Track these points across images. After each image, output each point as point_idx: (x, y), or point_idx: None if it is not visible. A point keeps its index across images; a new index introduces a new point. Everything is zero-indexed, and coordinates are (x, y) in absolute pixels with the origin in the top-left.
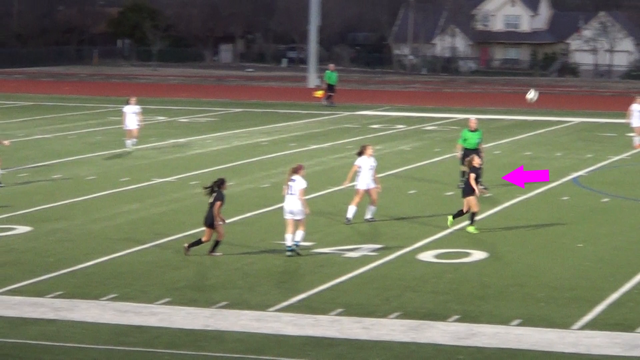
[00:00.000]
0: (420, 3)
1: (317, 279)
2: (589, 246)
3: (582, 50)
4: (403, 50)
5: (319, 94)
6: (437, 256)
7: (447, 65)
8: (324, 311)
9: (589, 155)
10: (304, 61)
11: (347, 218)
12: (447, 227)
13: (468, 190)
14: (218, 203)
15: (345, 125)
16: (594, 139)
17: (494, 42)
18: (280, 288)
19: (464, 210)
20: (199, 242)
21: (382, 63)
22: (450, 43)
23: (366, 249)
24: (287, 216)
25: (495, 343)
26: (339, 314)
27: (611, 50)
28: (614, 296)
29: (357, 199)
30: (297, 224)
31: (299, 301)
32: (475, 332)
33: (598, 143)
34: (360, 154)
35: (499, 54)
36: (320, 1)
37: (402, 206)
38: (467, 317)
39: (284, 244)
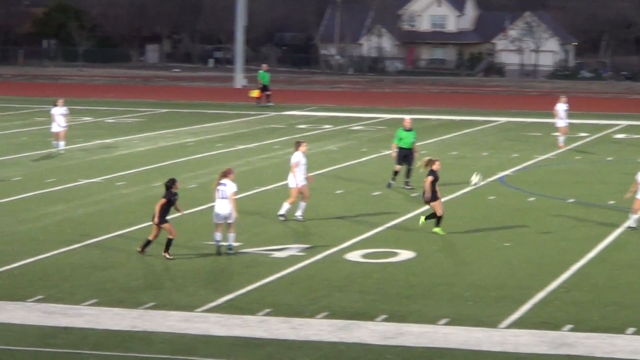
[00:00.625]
0: (347, 3)
1: (245, 280)
2: (516, 245)
3: (508, 50)
4: (330, 51)
5: (255, 94)
6: (365, 256)
7: (373, 65)
8: (252, 311)
9: (515, 155)
10: (230, 61)
11: (281, 215)
12: (375, 227)
13: (431, 197)
14: (162, 200)
15: (272, 126)
16: (520, 139)
17: (421, 42)
18: (207, 288)
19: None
20: (148, 242)
21: (309, 63)
22: (377, 43)
23: (294, 249)
24: (219, 220)
25: (423, 342)
26: (267, 314)
27: (537, 50)
28: (541, 295)
29: (294, 197)
30: (227, 226)
31: (227, 302)
32: (403, 331)
33: (524, 142)
34: (296, 150)
35: (426, 54)
36: (246, 1)
37: (329, 206)
38: (395, 317)
39: (213, 244)
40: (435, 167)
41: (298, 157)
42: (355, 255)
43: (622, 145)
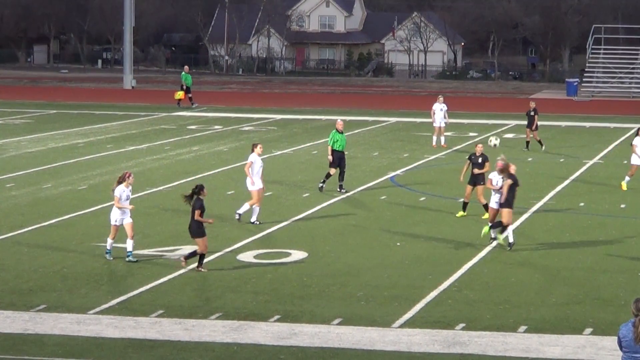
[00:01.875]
0: (236, 4)
1: (137, 281)
2: (408, 245)
3: (396, 50)
4: (219, 51)
5: (180, 95)
6: (257, 256)
7: (263, 66)
8: (145, 313)
9: (406, 155)
10: (119, 62)
11: (238, 214)
12: (267, 228)
13: (505, 202)
14: (198, 211)
15: (162, 127)
16: (410, 139)
17: (309, 42)
18: (99, 290)
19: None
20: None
21: (198, 64)
22: (266, 44)
23: (186, 249)
24: (118, 222)
25: (317, 342)
26: (160, 316)
27: (425, 51)
28: (433, 294)
29: (255, 199)
30: (125, 230)
31: (120, 303)
32: (297, 331)
33: (414, 142)
34: (251, 152)
35: (315, 54)
36: (134, 2)
37: (221, 207)
38: (288, 317)
39: (104, 246)
40: (512, 170)
41: (253, 159)
42: (248, 256)
43: (511, 144)
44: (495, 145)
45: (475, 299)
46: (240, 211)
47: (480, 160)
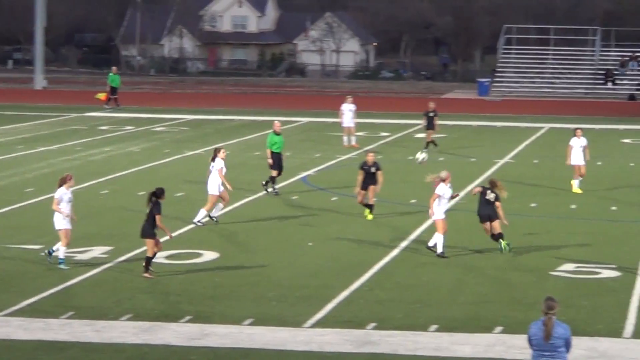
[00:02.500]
0: (148, 4)
1: (47, 282)
2: (319, 245)
3: (309, 50)
4: (131, 51)
5: (102, 96)
6: (169, 257)
7: (175, 66)
8: (55, 314)
9: (318, 155)
10: (30, 62)
11: (199, 221)
12: (178, 228)
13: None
14: (159, 216)
15: (73, 127)
16: (322, 139)
17: (222, 42)
18: (9, 292)
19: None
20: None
21: (110, 64)
22: (178, 44)
23: (97, 250)
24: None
25: (228, 343)
26: (70, 317)
27: (337, 51)
28: (345, 294)
29: (211, 204)
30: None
31: (29, 305)
32: (208, 332)
33: (326, 143)
34: (214, 158)
35: (227, 54)
36: (45, 1)
37: (133, 208)
38: (200, 318)
39: (20, 247)
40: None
41: (221, 164)
42: (159, 257)
43: (422, 144)
44: (423, 160)
45: (386, 299)
46: (216, 214)
47: (373, 169)
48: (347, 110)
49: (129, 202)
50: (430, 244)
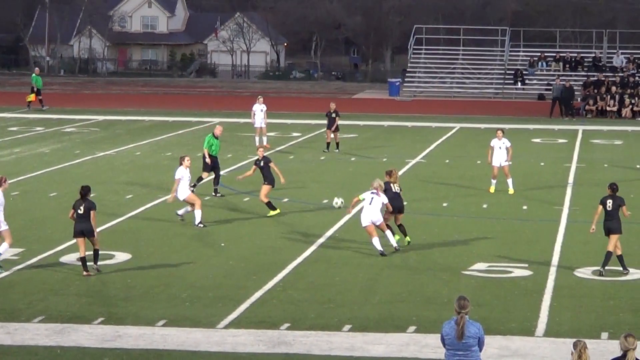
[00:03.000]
0: (57, 4)
1: None
2: (232, 245)
3: (219, 51)
4: (40, 52)
5: (31, 97)
6: (81, 258)
7: (85, 67)
8: None
9: (229, 155)
10: None
11: (201, 223)
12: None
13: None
14: (94, 212)
15: None
16: (234, 139)
17: (132, 43)
18: None
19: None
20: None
21: (18, 64)
22: (88, 44)
23: (8, 252)
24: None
25: (142, 344)
26: None
27: (248, 51)
28: (258, 294)
29: (198, 204)
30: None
31: None
32: (121, 333)
33: (237, 143)
34: (179, 165)
35: (137, 55)
36: None
37: (44, 209)
38: (112, 319)
39: None
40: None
41: (182, 173)
42: (71, 258)
43: (334, 144)
44: (341, 204)
45: (299, 299)
46: (180, 212)
47: (262, 163)
48: (259, 110)
49: (40, 203)
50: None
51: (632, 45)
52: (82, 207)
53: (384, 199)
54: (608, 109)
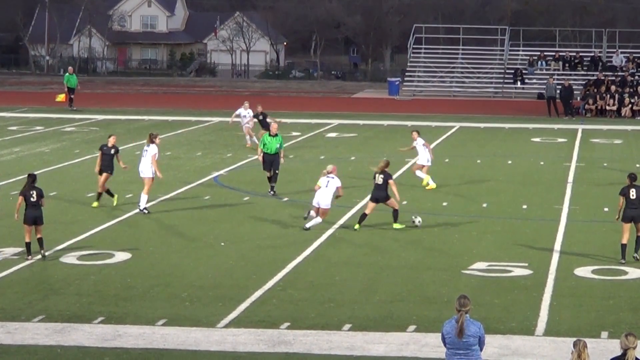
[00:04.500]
0: (57, 3)
1: None
2: (232, 245)
3: (219, 50)
4: (40, 51)
5: (61, 98)
6: (80, 258)
7: (84, 66)
8: None
9: (229, 155)
10: None
11: (145, 208)
12: (90, 229)
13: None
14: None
15: None
16: (233, 139)
17: (131, 42)
18: None
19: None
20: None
21: (18, 64)
22: (87, 44)
23: (8, 252)
24: None
25: (142, 344)
26: None
27: (247, 50)
28: (258, 293)
29: (149, 187)
30: None
31: None
32: (121, 333)
33: (237, 143)
34: (149, 143)
35: (137, 54)
36: None
37: (44, 209)
38: (112, 319)
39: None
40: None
41: (155, 150)
42: (71, 258)
43: (333, 144)
44: (419, 222)
45: (299, 298)
46: (142, 205)
47: (112, 151)
48: (243, 116)
49: None
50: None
51: (631, 45)
52: (34, 195)
53: (337, 182)
54: (608, 108)
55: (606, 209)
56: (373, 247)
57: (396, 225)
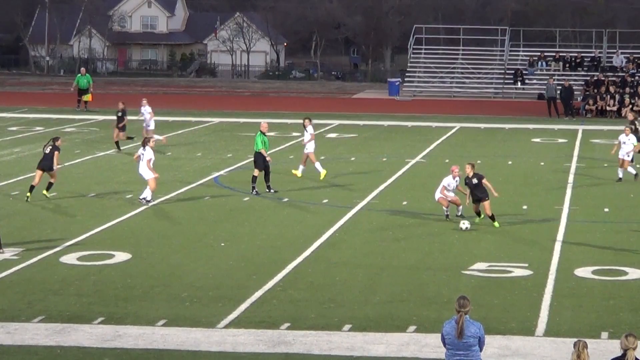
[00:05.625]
0: (57, 4)
1: None
2: (232, 245)
3: (219, 50)
4: (40, 52)
5: (88, 97)
6: (80, 258)
7: (84, 67)
8: None
9: (229, 155)
10: None
11: (144, 198)
12: (90, 229)
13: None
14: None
15: None
16: (234, 139)
17: (131, 43)
18: None
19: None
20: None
21: (18, 64)
22: (87, 44)
23: (7, 252)
24: None
25: (142, 344)
26: None
27: (248, 51)
28: (258, 294)
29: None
30: None
31: None
32: (121, 333)
33: (237, 143)
34: (144, 145)
35: (137, 55)
36: None
37: (44, 209)
38: (112, 319)
39: None
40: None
41: (151, 154)
42: (71, 258)
43: (334, 144)
44: (468, 227)
45: (299, 299)
46: (146, 196)
47: (48, 150)
48: (146, 112)
49: (40, 203)
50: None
51: (632, 45)
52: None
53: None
54: (608, 108)
55: (606, 210)
56: (373, 247)
57: (496, 224)
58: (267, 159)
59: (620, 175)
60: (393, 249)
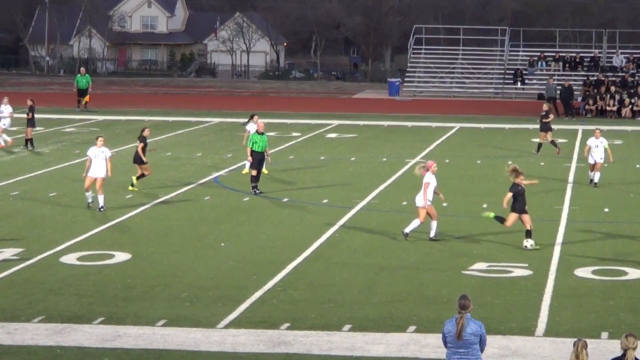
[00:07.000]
0: (57, 4)
1: None
2: (232, 245)
3: (219, 50)
4: (40, 52)
5: (86, 98)
6: (80, 258)
7: (84, 67)
8: None
9: (229, 155)
10: None
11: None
12: (90, 229)
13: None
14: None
15: None
16: (234, 139)
17: (132, 43)
18: None
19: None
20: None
21: (18, 64)
22: (87, 44)
23: (7, 252)
24: None
25: (142, 344)
26: None
27: (248, 51)
28: (258, 294)
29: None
30: None
31: None
32: (121, 333)
33: (237, 143)
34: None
35: (137, 55)
36: None
37: (43, 209)
38: (112, 319)
39: None
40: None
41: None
42: (70, 258)
43: (333, 144)
44: (532, 246)
45: (299, 299)
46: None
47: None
48: (7, 112)
49: (40, 203)
50: (407, 230)
51: (631, 45)
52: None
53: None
54: (608, 108)
55: (606, 210)
56: (373, 247)
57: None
58: (267, 158)
59: (595, 180)
60: (393, 249)
